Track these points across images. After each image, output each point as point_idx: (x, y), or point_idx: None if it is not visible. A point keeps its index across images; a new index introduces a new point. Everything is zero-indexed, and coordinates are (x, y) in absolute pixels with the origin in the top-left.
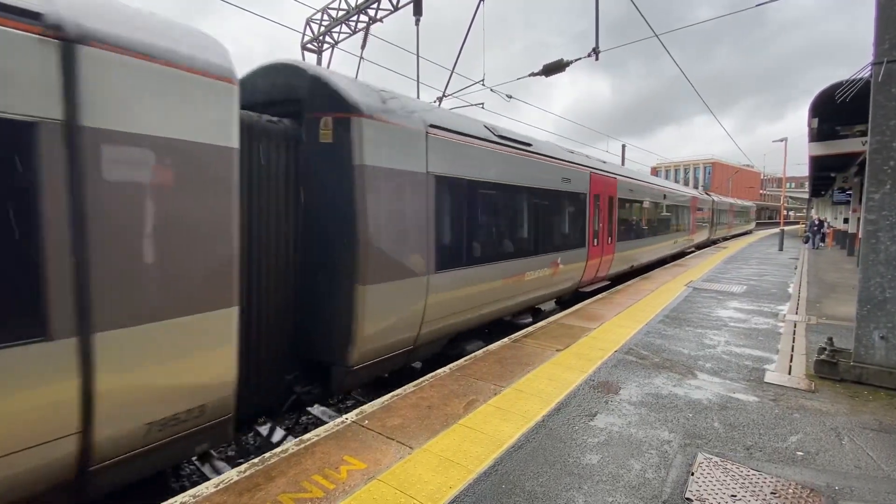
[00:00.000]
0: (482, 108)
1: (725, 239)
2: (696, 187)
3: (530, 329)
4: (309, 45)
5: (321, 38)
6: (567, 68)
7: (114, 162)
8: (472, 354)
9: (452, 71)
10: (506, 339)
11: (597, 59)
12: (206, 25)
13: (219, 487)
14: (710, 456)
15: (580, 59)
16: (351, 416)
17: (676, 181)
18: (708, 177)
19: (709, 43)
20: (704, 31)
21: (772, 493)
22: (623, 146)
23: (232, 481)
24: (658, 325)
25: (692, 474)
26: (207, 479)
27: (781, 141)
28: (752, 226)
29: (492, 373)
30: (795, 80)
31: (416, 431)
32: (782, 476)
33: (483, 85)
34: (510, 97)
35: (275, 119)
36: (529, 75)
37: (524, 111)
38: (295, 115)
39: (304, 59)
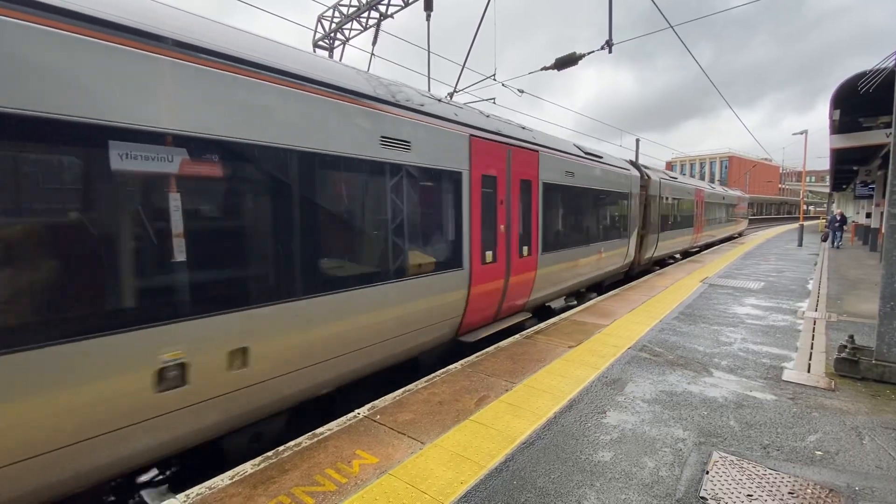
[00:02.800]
0: (493, 103)
1: (689, 254)
2: (712, 182)
3: (542, 326)
4: (321, 43)
5: (332, 35)
6: (580, 61)
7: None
8: (484, 351)
9: (463, 66)
10: (517, 336)
11: (609, 51)
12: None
13: (233, 480)
14: (726, 454)
15: (592, 52)
16: (363, 410)
17: (692, 176)
18: (724, 171)
19: (746, 33)
20: (742, 21)
21: (789, 492)
22: (637, 140)
23: (246, 474)
24: (673, 322)
25: (707, 473)
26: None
27: (801, 133)
28: (742, 226)
29: (503, 369)
30: (833, 69)
31: (427, 427)
32: (800, 476)
33: (494, 80)
34: (522, 91)
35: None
36: (542, 69)
37: (538, 106)
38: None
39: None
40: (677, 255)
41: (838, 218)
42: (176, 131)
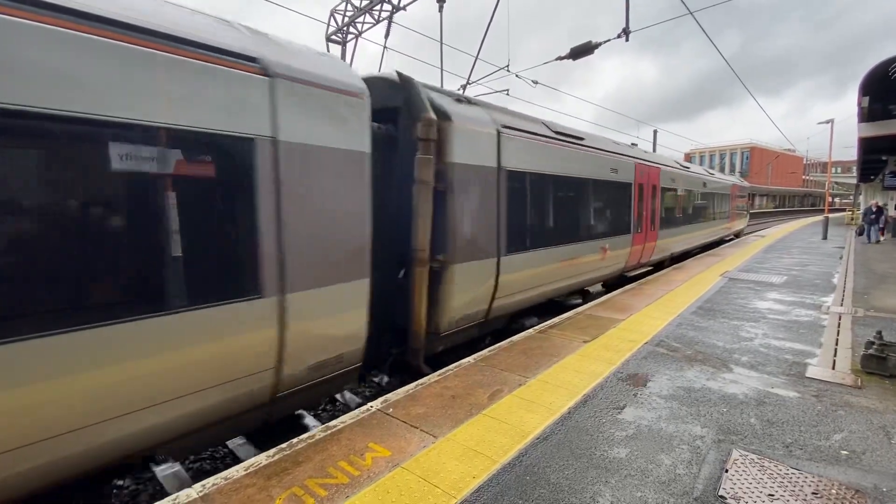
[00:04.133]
0: (507, 94)
1: (625, 280)
2: (732, 173)
3: (556, 320)
4: (333, 37)
5: (345, 28)
6: (597, 51)
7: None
8: (497, 345)
9: (476, 58)
10: (531, 330)
11: (626, 40)
12: (249, 21)
13: (249, 471)
14: (746, 453)
15: (609, 40)
16: (376, 403)
17: (711, 168)
18: (746, 162)
19: (775, 19)
20: (771, 7)
21: (813, 493)
22: (654, 132)
23: (261, 465)
24: (691, 317)
25: (726, 471)
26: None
27: (827, 123)
28: (739, 224)
29: (517, 364)
30: (866, 55)
31: (439, 420)
32: (824, 476)
33: (508, 71)
34: (536, 83)
35: (380, 126)
36: (557, 59)
37: (557, 98)
38: (393, 121)
39: (328, 49)
40: (590, 288)
41: (874, 210)
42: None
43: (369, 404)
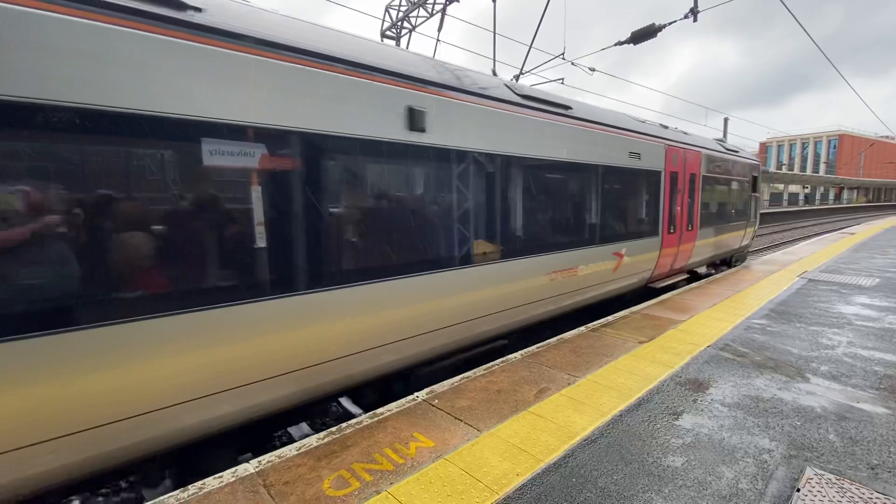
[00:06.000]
0: (562, 83)
1: None
2: (816, 165)
3: (610, 318)
4: (388, 32)
5: (399, 23)
6: (660, 33)
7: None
8: (546, 342)
9: (530, 46)
10: (582, 328)
11: (695, 20)
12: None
13: (300, 451)
14: (822, 472)
15: (675, 21)
16: (422, 394)
17: (791, 159)
18: (833, 151)
19: None
20: None
21: None
22: (725, 119)
23: (312, 446)
24: (761, 320)
25: (797, 490)
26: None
27: None
28: (713, 246)
29: (566, 362)
30: None
31: (484, 415)
32: None
33: (563, 59)
34: (593, 70)
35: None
36: (616, 44)
37: (625, 88)
38: None
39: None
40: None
41: None
42: None
43: (415, 394)
